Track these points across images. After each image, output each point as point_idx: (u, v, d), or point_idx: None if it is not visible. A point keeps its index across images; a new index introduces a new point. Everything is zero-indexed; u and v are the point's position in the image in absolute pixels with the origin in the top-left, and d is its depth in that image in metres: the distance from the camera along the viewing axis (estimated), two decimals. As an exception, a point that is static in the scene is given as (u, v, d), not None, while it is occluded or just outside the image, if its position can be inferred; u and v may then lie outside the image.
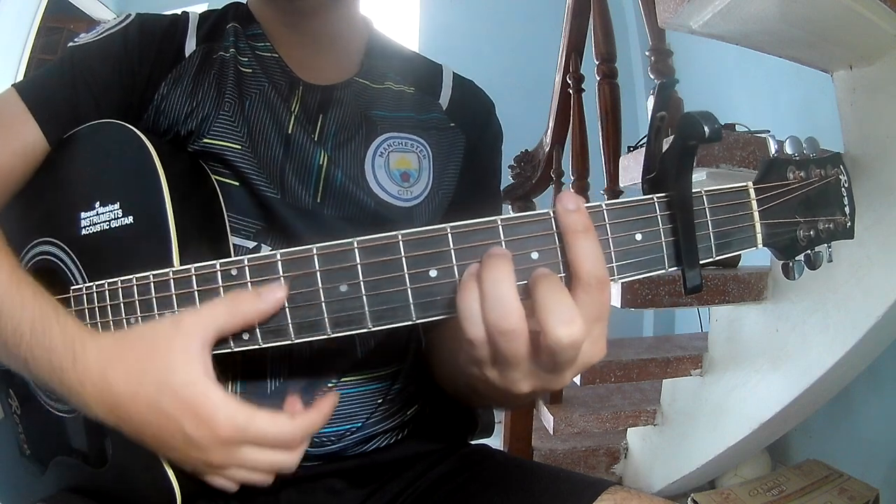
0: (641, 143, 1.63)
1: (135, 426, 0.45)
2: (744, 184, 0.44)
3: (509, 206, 1.98)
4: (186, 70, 0.63)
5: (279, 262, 0.43)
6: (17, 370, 0.50)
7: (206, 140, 0.60)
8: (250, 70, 0.64)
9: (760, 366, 1.41)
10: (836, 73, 1.18)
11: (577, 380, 1.56)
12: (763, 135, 1.39)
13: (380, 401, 0.65)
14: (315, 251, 0.42)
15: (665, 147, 0.44)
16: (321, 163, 0.63)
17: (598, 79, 1.62)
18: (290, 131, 0.63)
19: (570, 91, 1.79)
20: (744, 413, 1.45)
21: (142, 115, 0.61)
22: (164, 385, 0.44)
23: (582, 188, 1.74)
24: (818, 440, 1.84)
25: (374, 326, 0.42)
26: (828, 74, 1.20)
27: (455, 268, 0.41)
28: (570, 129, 1.83)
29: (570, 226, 0.40)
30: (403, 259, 0.41)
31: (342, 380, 0.63)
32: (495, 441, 1.49)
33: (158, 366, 0.44)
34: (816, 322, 1.26)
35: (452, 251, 0.40)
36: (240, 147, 0.60)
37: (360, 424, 0.64)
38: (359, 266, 0.41)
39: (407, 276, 0.41)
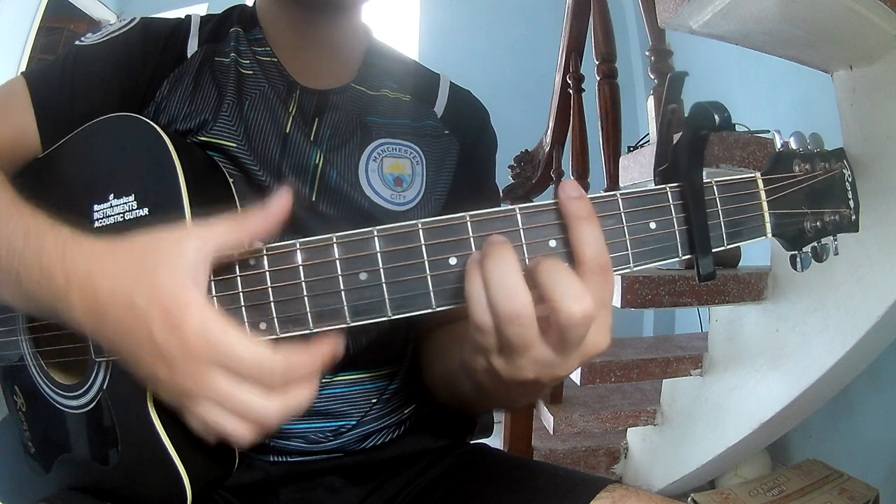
0: (641, 143, 1.64)
1: (110, 330, 0.42)
2: (752, 174, 0.45)
3: (509, 207, 1.99)
4: (187, 70, 0.64)
5: (298, 251, 0.43)
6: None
7: (202, 138, 0.61)
8: (251, 72, 0.65)
9: (760, 366, 1.41)
10: (836, 73, 1.18)
11: (577, 380, 1.56)
12: (763, 135, 1.40)
13: (374, 400, 0.66)
14: (335, 239, 0.42)
15: (675, 139, 0.45)
16: (317, 162, 0.64)
17: (598, 79, 1.63)
18: (287, 131, 0.64)
19: (570, 91, 1.81)
20: (744, 413, 1.45)
21: (141, 112, 0.62)
22: (143, 279, 0.41)
23: (582, 188, 1.74)
24: (818, 440, 1.84)
25: (393, 314, 0.42)
26: (828, 74, 1.21)
27: None
28: (570, 129, 1.84)
29: (573, 212, 0.40)
30: (423, 247, 0.41)
31: (335, 379, 0.64)
32: (495, 441, 1.49)
33: (145, 264, 0.41)
34: (816, 322, 1.27)
35: (472, 239, 0.41)
36: (235, 145, 0.61)
37: (354, 422, 0.64)
38: (378, 254, 0.42)
39: (427, 263, 0.41)
